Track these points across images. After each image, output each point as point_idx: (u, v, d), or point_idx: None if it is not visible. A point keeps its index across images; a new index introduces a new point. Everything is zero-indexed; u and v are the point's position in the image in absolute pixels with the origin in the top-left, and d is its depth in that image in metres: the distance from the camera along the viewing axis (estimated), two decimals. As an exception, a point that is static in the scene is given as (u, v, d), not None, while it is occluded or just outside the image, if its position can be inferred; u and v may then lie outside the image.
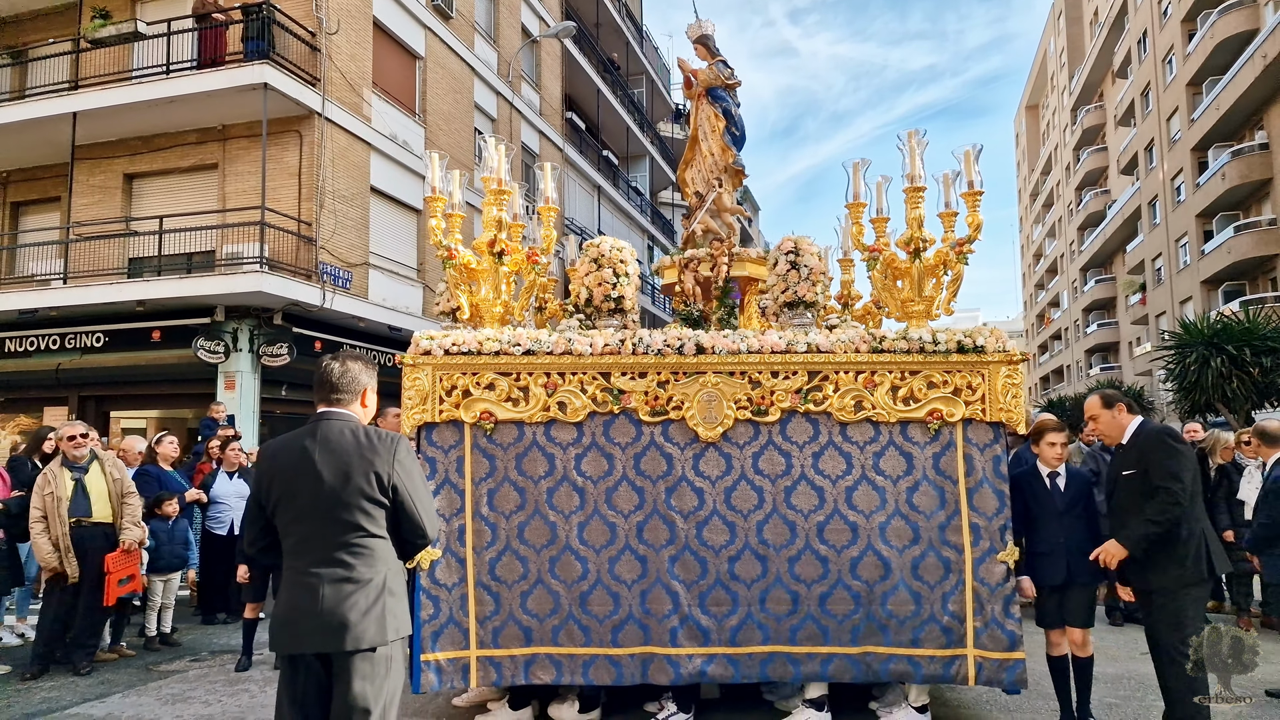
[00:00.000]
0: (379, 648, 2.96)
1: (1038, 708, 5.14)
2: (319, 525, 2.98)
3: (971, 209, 4.79)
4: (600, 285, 5.28)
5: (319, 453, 3.01)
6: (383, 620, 2.97)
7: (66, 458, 6.62)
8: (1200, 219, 33.16)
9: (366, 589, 2.96)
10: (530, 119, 22.61)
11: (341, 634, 2.90)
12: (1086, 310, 51.57)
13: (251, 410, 13.97)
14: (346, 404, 3.17)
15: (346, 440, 3.05)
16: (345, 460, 3.00)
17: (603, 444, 4.87)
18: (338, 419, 3.12)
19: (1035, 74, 66.32)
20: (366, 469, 3.00)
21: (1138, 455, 4.42)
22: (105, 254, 14.81)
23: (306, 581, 2.96)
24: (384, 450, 3.04)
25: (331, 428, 3.08)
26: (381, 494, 3.01)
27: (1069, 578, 4.69)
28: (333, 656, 2.94)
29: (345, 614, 2.91)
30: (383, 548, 3.05)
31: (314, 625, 2.91)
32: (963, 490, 4.75)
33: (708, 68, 6.24)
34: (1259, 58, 26.90)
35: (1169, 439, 4.38)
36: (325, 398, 3.17)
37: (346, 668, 2.92)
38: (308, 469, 3.00)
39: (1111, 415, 4.61)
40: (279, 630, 3.01)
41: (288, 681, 3.00)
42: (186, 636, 7.84)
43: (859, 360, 4.83)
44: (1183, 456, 4.29)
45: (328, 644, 2.91)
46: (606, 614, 4.80)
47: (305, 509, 3.00)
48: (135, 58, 15.04)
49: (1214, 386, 16.16)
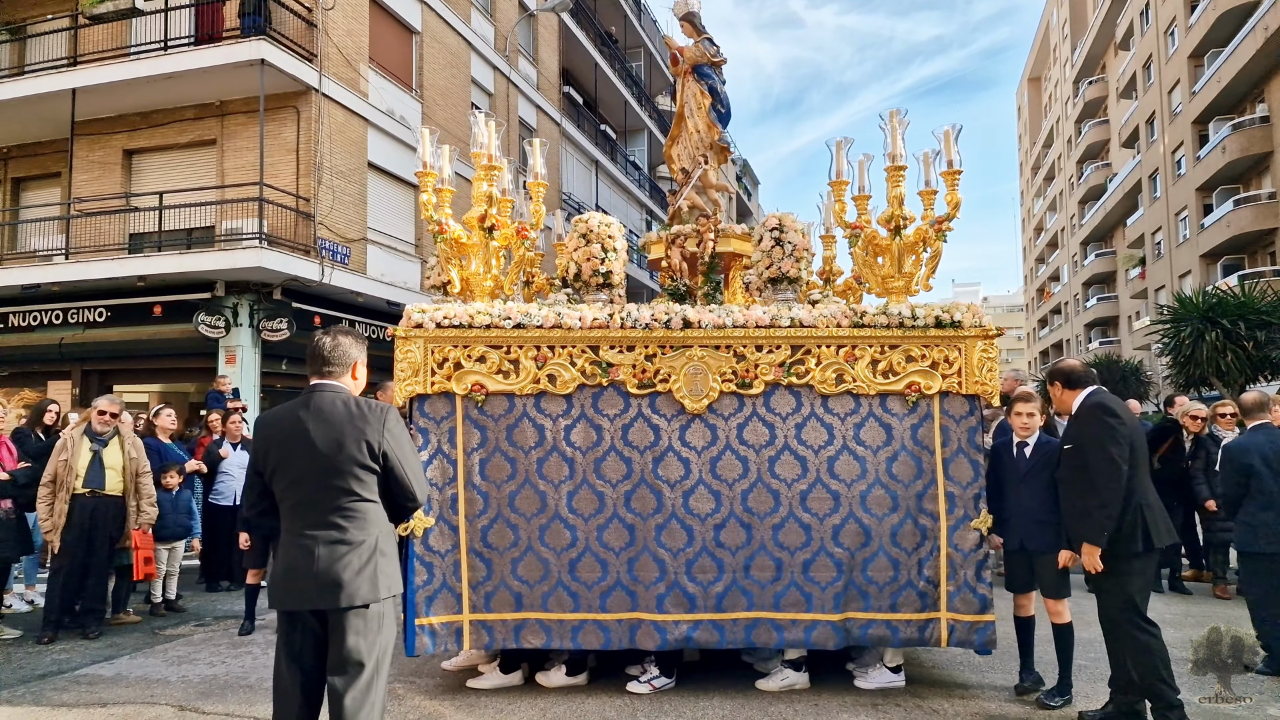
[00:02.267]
0: (371, 605, 3.14)
1: (1008, 668, 5.33)
2: (314, 490, 3.15)
3: (950, 188, 4.91)
4: (589, 260, 5.41)
5: (312, 422, 3.18)
6: (375, 579, 3.15)
7: (91, 428, 6.83)
8: (1200, 193, 33.10)
9: (359, 550, 3.15)
10: (527, 93, 22.59)
11: (336, 592, 3.08)
12: (1086, 284, 51.57)
13: (252, 384, 14.15)
14: (338, 376, 3.33)
15: (338, 410, 3.21)
16: (338, 429, 3.17)
17: (591, 415, 5.03)
18: (330, 390, 3.28)
19: (1038, 46, 65.80)
20: (358, 437, 3.16)
21: (1076, 429, 4.50)
22: (106, 229, 14.93)
23: (302, 543, 3.14)
24: (374, 419, 3.21)
25: (324, 399, 3.24)
26: (372, 460, 3.18)
27: (1022, 543, 4.88)
28: (328, 613, 3.13)
29: (339, 573, 3.09)
30: (374, 511, 3.24)
31: (311, 584, 3.10)
32: (939, 460, 4.92)
33: (693, 45, 6.32)
34: (1260, 30, 26.75)
35: (1101, 413, 4.39)
36: (317, 370, 3.33)
37: (341, 624, 3.11)
38: (302, 438, 3.16)
39: (1053, 391, 4.74)
40: (278, 589, 3.20)
41: (285, 637, 3.19)
42: (191, 603, 8.05)
43: (840, 335, 4.98)
44: (1112, 430, 4.29)
45: (323, 601, 3.10)
46: (595, 580, 4.98)
47: (300, 475, 3.17)
48: (133, 33, 15.06)
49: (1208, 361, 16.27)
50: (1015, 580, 5.05)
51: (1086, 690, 4.95)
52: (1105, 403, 4.46)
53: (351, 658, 3.10)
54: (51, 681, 5.51)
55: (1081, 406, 4.52)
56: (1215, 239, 31.18)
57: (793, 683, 5.06)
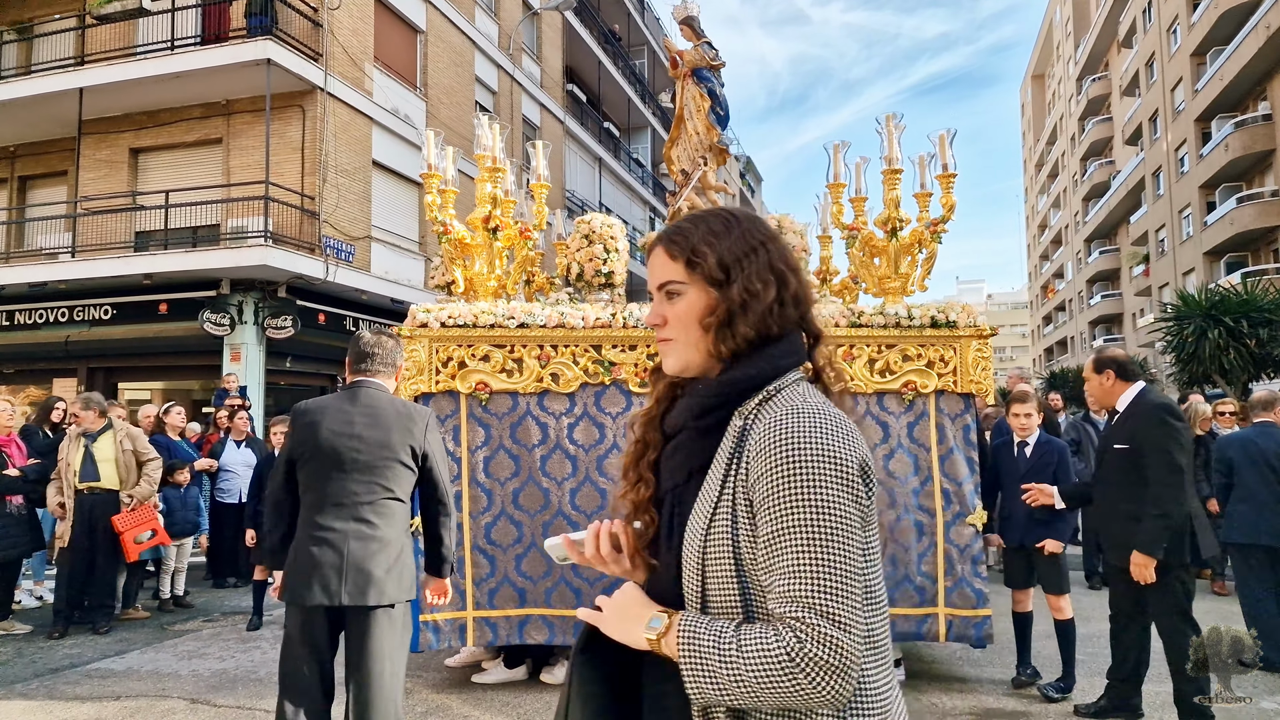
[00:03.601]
0: (396, 604, 3.16)
1: (1005, 663, 5.41)
2: (350, 484, 3.16)
3: (945, 190, 4.99)
4: (591, 260, 5.49)
5: (359, 416, 3.21)
6: (401, 578, 3.18)
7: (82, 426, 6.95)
8: (1203, 190, 33.10)
9: (390, 548, 3.17)
10: (531, 91, 22.65)
11: (366, 589, 3.08)
12: (1090, 281, 51.56)
13: (257, 382, 14.25)
14: (382, 375, 3.37)
15: (385, 407, 3.26)
16: (385, 425, 3.21)
17: (594, 414, 5.11)
18: (374, 387, 3.31)
19: (1041, 43, 65.72)
20: (404, 436, 3.22)
21: (1132, 430, 4.19)
22: (112, 228, 15.03)
23: (328, 537, 3.12)
24: (419, 420, 3.29)
25: (369, 394, 3.28)
26: (414, 460, 3.25)
27: (1022, 541, 4.96)
28: (347, 610, 3.11)
29: (371, 570, 3.10)
30: (403, 511, 3.29)
31: (340, 579, 3.08)
32: (935, 457, 5.00)
33: (693, 49, 6.39)
34: (1262, 28, 26.75)
35: (1169, 417, 4.10)
36: (361, 367, 3.35)
37: (366, 622, 3.11)
38: (347, 429, 3.18)
39: (1099, 381, 4.39)
40: (299, 582, 3.12)
41: (303, 632, 3.16)
42: (198, 599, 8.15)
43: (838, 334, 5.04)
44: (1182, 437, 4.07)
45: (354, 597, 3.08)
46: (598, 576, 5.06)
47: (337, 467, 3.16)
48: (140, 33, 15.15)
49: (1211, 358, 16.34)
50: (1015, 577, 5.13)
51: (1085, 684, 5.03)
52: (1169, 404, 4.22)
53: (376, 657, 3.10)
54: (64, 675, 5.62)
55: (1142, 405, 4.21)
56: (1218, 236, 31.19)
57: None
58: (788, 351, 1.37)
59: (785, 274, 1.38)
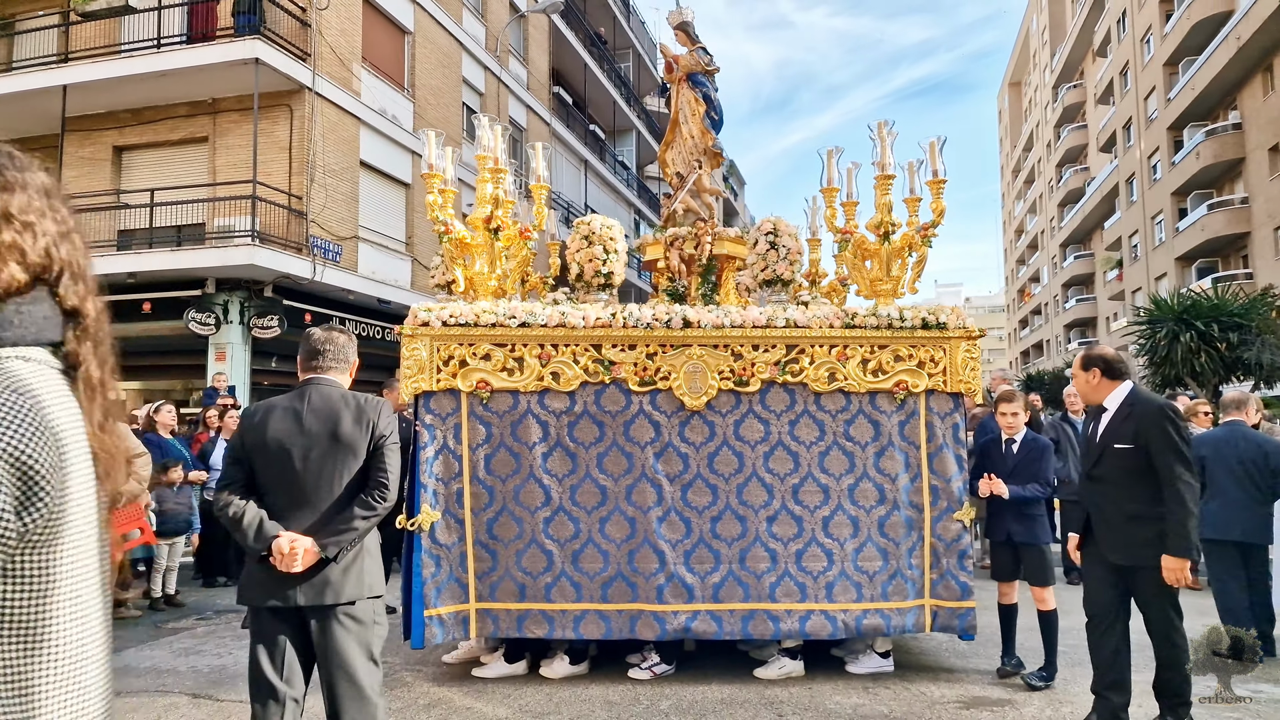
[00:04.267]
0: (358, 601, 3.12)
1: (990, 654, 5.58)
2: (303, 483, 3.13)
3: (935, 196, 5.16)
4: (591, 261, 5.61)
5: (308, 415, 3.16)
6: (361, 577, 3.14)
7: None
8: (1175, 197, 33.74)
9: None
10: (518, 93, 22.72)
11: (323, 589, 3.06)
12: (1066, 285, 52.29)
13: (242, 381, 14.23)
14: (334, 372, 3.32)
15: (335, 402, 3.20)
16: (334, 419, 3.15)
17: (594, 412, 5.22)
18: (325, 384, 3.27)
19: (1018, 51, 66.60)
20: (355, 430, 3.16)
21: (1135, 430, 4.08)
22: (96, 226, 14.92)
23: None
24: (369, 412, 3.21)
25: (320, 391, 3.23)
26: (365, 455, 3.18)
27: (1008, 536, 5.14)
28: (309, 611, 3.08)
29: (326, 569, 3.07)
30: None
31: (296, 579, 3.04)
32: (924, 455, 5.17)
33: (688, 54, 6.53)
34: (1233, 39, 27.33)
35: (1175, 419, 4.02)
36: (312, 365, 3.31)
37: (329, 622, 3.07)
38: (296, 429, 3.14)
39: (1086, 378, 4.31)
40: (256, 585, 3.11)
41: (263, 636, 3.11)
42: (189, 598, 8.17)
43: (833, 335, 5.20)
44: (1188, 435, 4.05)
45: (310, 597, 3.05)
46: (597, 571, 5.17)
47: (289, 467, 3.13)
48: (124, 31, 15.09)
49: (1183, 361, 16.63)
50: (1001, 570, 5.31)
51: (1067, 674, 5.20)
52: (1172, 404, 4.14)
53: (343, 655, 3.07)
54: (63, 670, 5.64)
55: (1144, 405, 4.11)
56: (1190, 242, 31.78)
57: (790, 671, 5.26)
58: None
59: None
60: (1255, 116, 28.26)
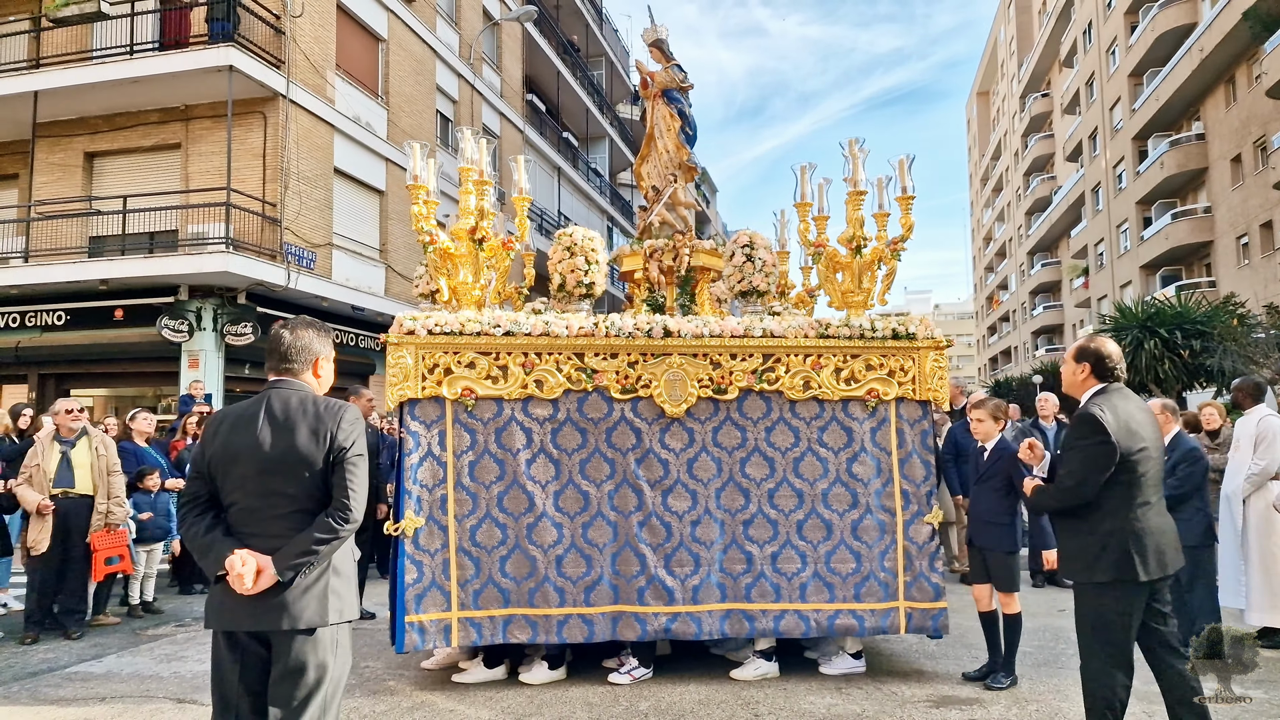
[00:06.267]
0: (319, 629, 2.81)
1: (959, 655, 5.76)
2: (258, 495, 2.86)
3: (905, 211, 5.35)
4: (573, 272, 5.73)
5: (263, 425, 2.89)
6: (324, 599, 2.83)
7: (59, 432, 6.92)
8: (1140, 206, 34.47)
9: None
10: (491, 101, 22.80)
11: (279, 612, 2.77)
12: (1033, 293, 53.16)
13: (216, 389, 14.16)
14: (298, 373, 3.04)
15: (294, 408, 2.92)
16: (292, 428, 2.87)
17: (577, 419, 5.33)
18: (287, 388, 3.00)
19: (986, 61, 67.64)
20: (312, 441, 2.88)
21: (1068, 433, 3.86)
22: (66, 232, 14.83)
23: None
24: (328, 420, 2.91)
25: (281, 396, 2.97)
26: (324, 465, 2.88)
27: (978, 540, 5.31)
28: (271, 636, 2.81)
29: (282, 590, 2.78)
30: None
31: (249, 601, 2.77)
32: (895, 460, 5.35)
33: (663, 70, 6.69)
34: (1196, 51, 28.01)
35: (1086, 427, 3.62)
36: (275, 367, 3.05)
37: (287, 648, 2.79)
38: (252, 438, 2.87)
39: (1075, 370, 3.87)
40: (213, 607, 2.87)
41: (222, 663, 2.85)
42: (166, 605, 8.15)
43: (807, 345, 5.36)
44: (1088, 451, 3.59)
45: (263, 622, 2.78)
46: (580, 575, 5.28)
47: (248, 479, 2.87)
48: (96, 37, 15.00)
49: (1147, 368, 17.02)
50: (974, 573, 5.47)
51: (1032, 674, 5.38)
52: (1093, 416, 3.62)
53: (296, 688, 2.77)
54: (44, 679, 5.66)
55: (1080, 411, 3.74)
56: (1154, 250, 32.48)
57: (765, 672, 5.40)
58: None
59: None
60: (1218, 127, 28.98)
